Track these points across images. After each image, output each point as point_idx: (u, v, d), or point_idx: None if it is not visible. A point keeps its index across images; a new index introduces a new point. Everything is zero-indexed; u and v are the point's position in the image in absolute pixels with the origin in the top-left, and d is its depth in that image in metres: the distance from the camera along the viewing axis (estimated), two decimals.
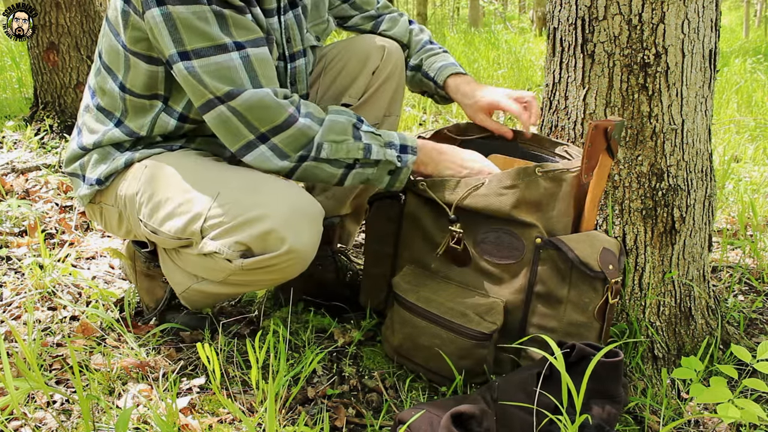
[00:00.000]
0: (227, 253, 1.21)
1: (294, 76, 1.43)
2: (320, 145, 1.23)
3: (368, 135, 1.27)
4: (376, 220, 1.44)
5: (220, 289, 1.34)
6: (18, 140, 3.00)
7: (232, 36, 1.19)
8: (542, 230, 1.21)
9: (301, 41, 1.42)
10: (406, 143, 1.29)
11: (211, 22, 1.17)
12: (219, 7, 1.18)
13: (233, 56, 1.18)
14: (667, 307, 1.39)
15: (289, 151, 1.24)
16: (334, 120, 1.25)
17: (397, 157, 1.27)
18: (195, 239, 1.25)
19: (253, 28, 1.23)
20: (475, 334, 1.22)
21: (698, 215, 1.38)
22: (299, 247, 1.20)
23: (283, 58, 1.39)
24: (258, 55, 1.21)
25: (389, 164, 1.28)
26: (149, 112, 1.34)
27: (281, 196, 1.20)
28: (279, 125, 1.21)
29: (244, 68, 1.19)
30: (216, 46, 1.17)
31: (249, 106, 1.19)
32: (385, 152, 1.27)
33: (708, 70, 1.33)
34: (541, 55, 6.16)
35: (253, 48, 1.21)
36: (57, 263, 1.76)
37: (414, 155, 1.29)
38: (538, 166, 1.19)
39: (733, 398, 1.15)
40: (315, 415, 1.23)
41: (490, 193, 1.22)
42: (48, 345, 1.43)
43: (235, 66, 1.18)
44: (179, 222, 1.25)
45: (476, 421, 1.05)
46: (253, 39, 1.22)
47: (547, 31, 1.44)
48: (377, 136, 1.28)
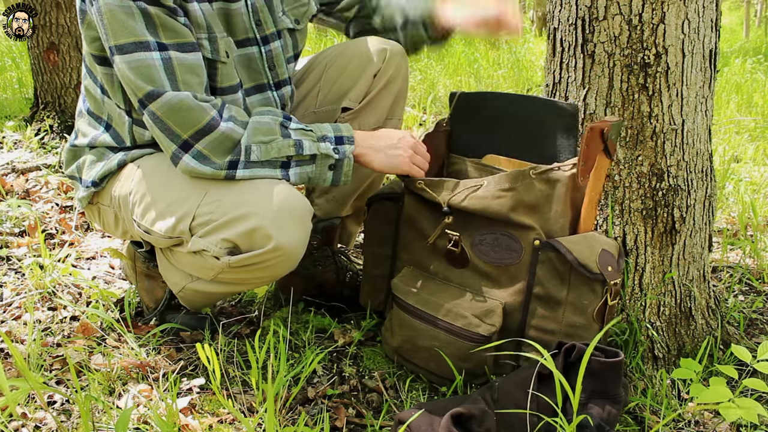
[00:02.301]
0: (214, 250, 1.22)
1: (271, 60, 1.41)
2: (248, 148, 1.20)
3: (298, 132, 1.24)
4: (375, 222, 1.44)
5: (213, 288, 1.34)
6: (18, 140, 3.00)
7: (157, 36, 1.17)
8: (540, 232, 1.21)
9: (273, 23, 1.39)
10: (341, 134, 1.27)
11: (137, 18, 1.15)
12: (146, 5, 1.15)
13: (154, 56, 1.16)
14: (668, 307, 1.39)
15: (215, 158, 1.20)
16: (259, 121, 1.22)
17: (334, 149, 1.24)
18: (185, 237, 1.26)
19: (182, 32, 1.20)
20: (474, 336, 1.22)
21: (698, 215, 1.38)
22: (285, 245, 1.20)
23: (255, 42, 1.37)
24: (181, 60, 1.18)
25: (327, 158, 1.25)
26: (123, 126, 1.34)
27: (268, 194, 1.20)
28: (201, 129, 1.18)
29: (164, 70, 1.17)
30: (138, 43, 1.16)
31: (170, 108, 1.17)
32: (319, 146, 1.24)
33: (708, 70, 1.33)
34: (541, 55, 6.15)
35: (177, 51, 1.18)
36: (57, 263, 1.76)
37: (351, 145, 1.26)
38: (532, 168, 1.19)
39: (733, 398, 1.15)
40: (315, 415, 1.23)
41: (488, 195, 1.22)
42: (48, 345, 1.43)
43: (155, 65, 1.16)
44: (169, 221, 1.25)
45: (476, 421, 1.05)
46: (180, 43, 1.19)
47: (547, 31, 1.44)
48: (308, 131, 1.25)
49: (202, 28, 1.25)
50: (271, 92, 1.42)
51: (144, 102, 1.18)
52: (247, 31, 1.34)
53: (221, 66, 1.29)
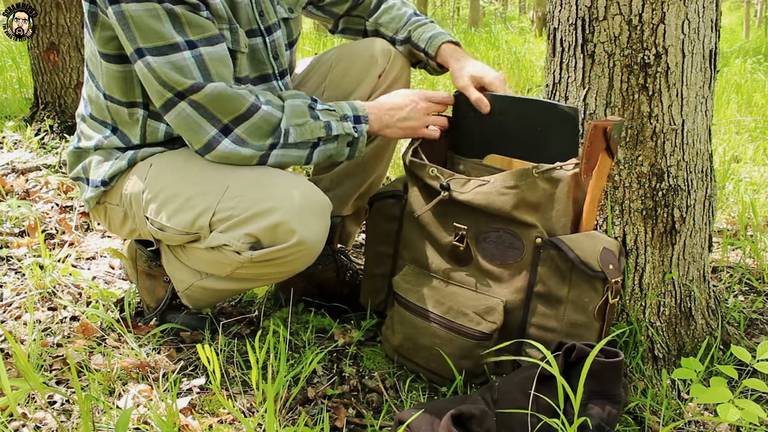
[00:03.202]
0: (237, 245, 1.22)
1: (275, 49, 1.42)
2: (287, 131, 1.25)
3: (324, 112, 1.29)
4: (377, 220, 1.44)
5: (224, 285, 1.34)
6: (18, 140, 3.00)
7: (185, 34, 1.19)
8: (542, 230, 1.21)
9: (274, 13, 1.41)
10: (358, 113, 1.32)
11: (164, 20, 1.17)
12: (171, 5, 1.17)
13: (185, 55, 1.19)
14: (668, 307, 1.39)
15: (254, 140, 1.24)
16: (293, 104, 1.27)
17: (354, 128, 1.30)
18: (203, 233, 1.26)
19: (207, 26, 1.22)
20: (476, 333, 1.22)
21: (698, 215, 1.38)
22: (308, 239, 1.21)
23: (260, 33, 1.37)
24: (211, 54, 1.21)
25: (348, 136, 1.31)
26: (135, 125, 1.34)
27: (291, 189, 1.21)
28: (242, 114, 1.22)
29: (198, 66, 1.20)
30: (169, 45, 1.18)
31: (212, 98, 1.20)
32: (343, 126, 1.29)
33: (708, 70, 1.33)
34: (541, 55, 6.16)
35: (206, 46, 1.21)
36: (57, 263, 1.76)
37: (367, 124, 1.32)
38: (535, 167, 1.19)
39: (733, 398, 1.15)
40: (315, 415, 1.23)
41: (493, 191, 1.22)
42: (48, 345, 1.43)
43: (188, 64, 1.19)
44: (187, 216, 1.25)
45: (476, 422, 1.05)
46: (207, 37, 1.21)
47: (547, 32, 1.44)
48: (332, 111, 1.30)
49: (223, 20, 1.27)
50: (276, 82, 1.43)
51: (184, 94, 1.20)
52: (251, 22, 1.35)
53: (240, 56, 1.32)
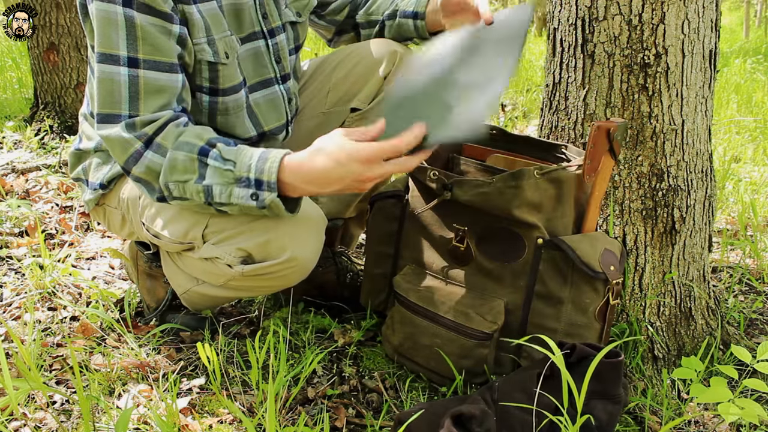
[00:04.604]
0: (228, 258, 1.21)
1: (277, 53, 1.39)
2: (167, 186, 1.12)
3: (215, 170, 1.07)
4: (378, 220, 1.44)
5: (219, 292, 1.33)
6: (18, 140, 3.00)
7: (133, 49, 1.10)
8: (543, 231, 1.21)
9: (279, 16, 1.39)
10: (262, 177, 1.04)
11: (119, 27, 1.09)
12: (135, 12, 1.09)
13: (121, 71, 1.10)
14: (667, 307, 1.39)
15: (147, 187, 1.16)
16: (174, 157, 1.09)
17: (253, 196, 1.05)
18: (197, 243, 1.25)
19: (163, 50, 1.12)
20: (476, 333, 1.22)
21: (698, 215, 1.38)
22: (300, 256, 1.19)
23: (262, 36, 1.35)
24: (150, 80, 1.11)
25: (243, 207, 1.09)
26: None
27: None
28: (125, 162, 1.13)
29: (128, 88, 1.10)
30: (110, 55, 1.10)
31: (106, 139, 1.13)
32: (232, 193, 1.06)
33: (708, 70, 1.33)
34: (541, 55, 6.15)
35: (149, 70, 1.11)
36: (57, 263, 1.76)
37: (272, 192, 1.05)
38: (537, 168, 1.19)
39: (733, 398, 1.15)
40: (315, 415, 1.23)
41: (494, 191, 1.22)
42: (48, 345, 1.43)
43: (120, 81, 1.10)
44: (181, 227, 1.24)
45: (476, 422, 1.05)
46: (156, 61, 1.12)
47: (547, 32, 1.44)
48: (226, 170, 1.06)
49: (201, 32, 1.22)
50: (278, 86, 1.41)
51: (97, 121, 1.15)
52: (254, 25, 1.33)
53: (222, 68, 1.27)
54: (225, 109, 1.32)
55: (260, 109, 1.39)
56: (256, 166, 1.05)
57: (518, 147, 1.40)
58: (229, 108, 1.32)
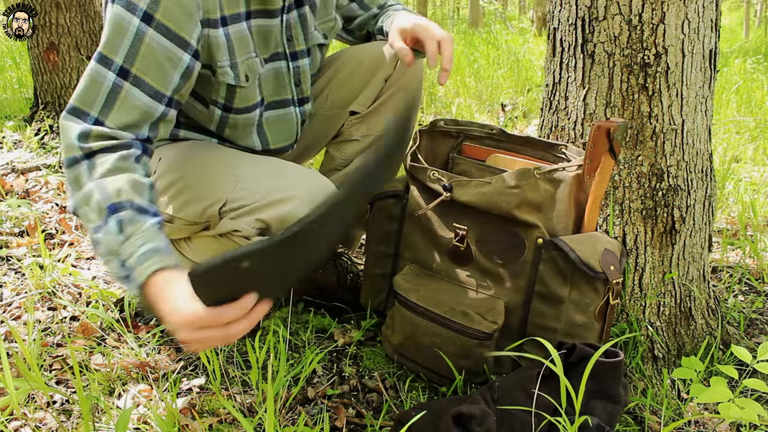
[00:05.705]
0: (247, 230, 1.22)
1: (298, 76, 1.40)
2: (77, 210, 1.05)
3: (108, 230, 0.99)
4: (378, 220, 1.44)
5: None
6: (18, 140, 3.00)
7: (129, 59, 1.08)
8: (544, 230, 1.21)
9: (305, 40, 1.38)
10: (132, 274, 0.97)
11: (127, 35, 1.07)
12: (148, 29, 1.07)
13: (108, 76, 1.07)
14: (667, 307, 1.39)
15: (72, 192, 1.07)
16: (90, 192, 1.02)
17: (123, 279, 0.99)
18: (213, 222, 1.26)
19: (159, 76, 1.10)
20: (477, 333, 1.22)
21: (698, 215, 1.38)
22: None
23: (284, 57, 1.36)
24: (131, 98, 1.08)
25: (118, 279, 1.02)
26: None
27: (305, 180, 1.22)
28: (65, 159, 1.06)
29: (107, 95, 1.07)
30: (105, 57, 1.08)
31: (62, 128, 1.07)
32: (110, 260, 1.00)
33: (708, 70, 1.33)
34: (541, 55, 6.15)
35: (134, 87, 1.09)
36: (57, 263, 1.76)
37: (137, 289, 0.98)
38: (537, 168, 1.20)
39: (733, 398, 1.15)
40: (315, 415, 1.23)
41: (495, 191, 1.22)
42: (48, 345, 1.43)
43: (102, 84, 1.07)
44: (197, 207, 1.26)
45: (476, 422, 1.05)
46: (147, 82, 1.09)
47: (547, 32, 1.44)
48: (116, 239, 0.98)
49: (224, 55, 1.21)
50: (293, 107, 1.42)
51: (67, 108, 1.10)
52: (277, 46, 1.33)
53: (240, 90, 1.27)
54: (235, 124, 1.34)
55: (271, 127, 1.40)
56: (137, 259, 0.97)
57: (518, 147, 1.40)
58: (239, 124, 1.34)
